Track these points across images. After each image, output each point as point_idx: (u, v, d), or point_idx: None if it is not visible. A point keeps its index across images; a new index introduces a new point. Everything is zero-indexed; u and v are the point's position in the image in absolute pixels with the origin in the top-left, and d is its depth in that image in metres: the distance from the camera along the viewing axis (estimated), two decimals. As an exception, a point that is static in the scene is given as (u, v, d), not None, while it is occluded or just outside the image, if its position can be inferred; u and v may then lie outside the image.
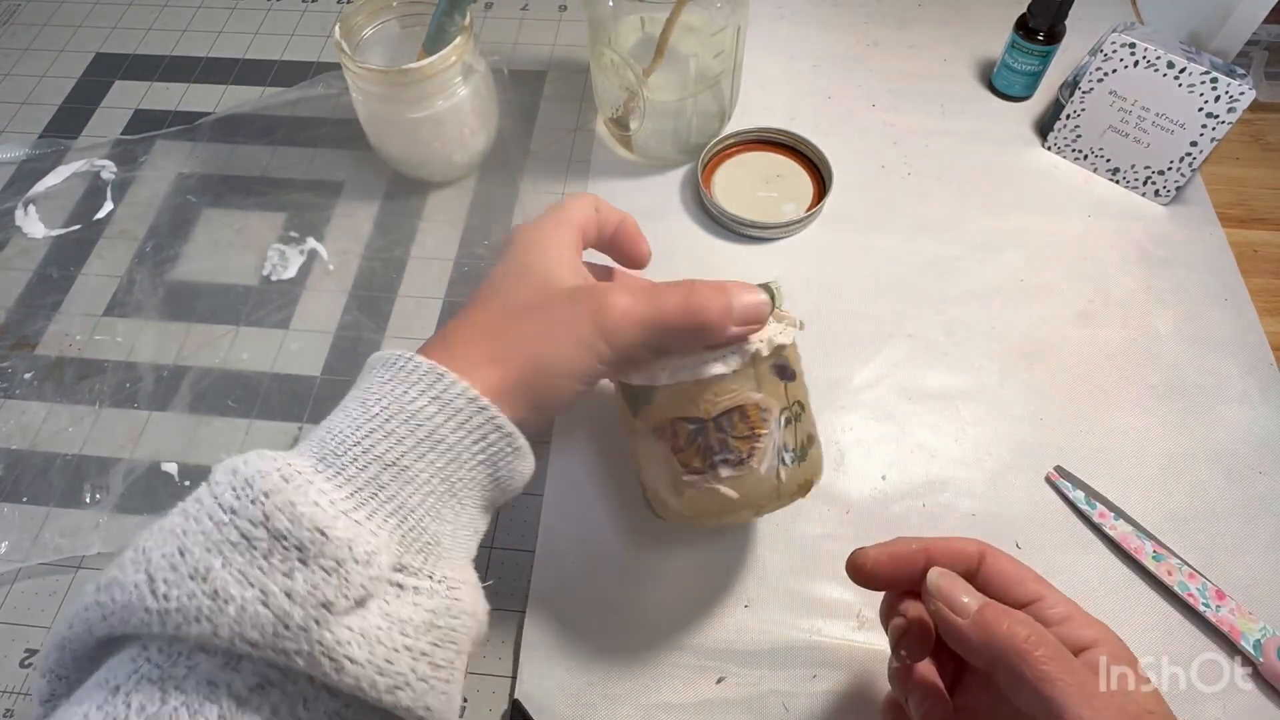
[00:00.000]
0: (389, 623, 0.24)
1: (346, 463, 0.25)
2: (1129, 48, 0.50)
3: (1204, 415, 0.45)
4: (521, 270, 0.31)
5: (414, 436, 0.26)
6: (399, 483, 0.26)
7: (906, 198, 0.55)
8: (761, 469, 0.32)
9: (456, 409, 0.27)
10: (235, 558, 0.23)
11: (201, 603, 0.22)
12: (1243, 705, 0.37)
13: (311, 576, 0.23)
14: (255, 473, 0.24)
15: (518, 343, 0.29)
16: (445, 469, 0.27)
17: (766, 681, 0.38)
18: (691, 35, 0.49)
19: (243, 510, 0.23)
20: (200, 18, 0.69)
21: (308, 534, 0.23)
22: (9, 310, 0.52)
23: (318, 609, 0.22)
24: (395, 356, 0.28)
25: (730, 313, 0.30)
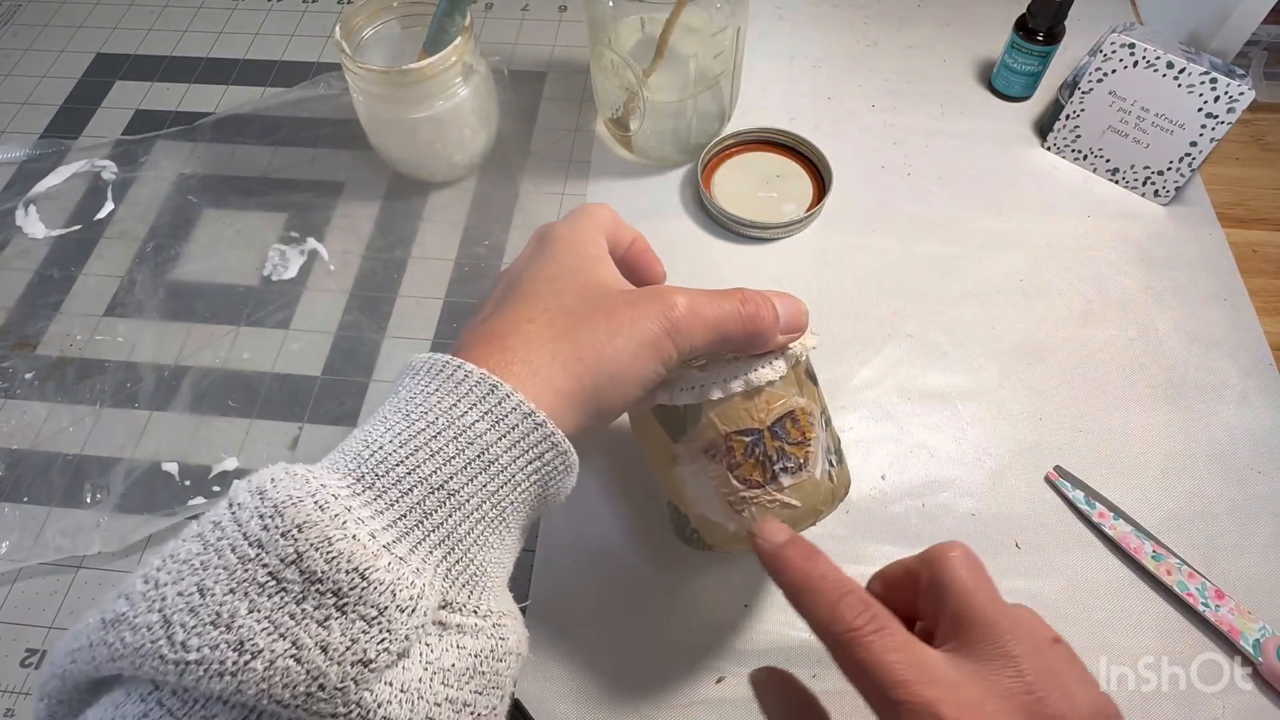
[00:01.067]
0: (430, 673, 0.21)
1: (388, 485, 0.23)
2: (1129, 48, 0.50)
3: (1204, 415, 0.45)
4: (569, 271, 0.29)
5: (464, 456, 0.23)
6: (447, 509, 0.23)
7: (906, 198, 0.55)
8: (817, 473, 0.32)
9: (511, 425, 0.24)
10: (263, 602, 0.20)
11: (225, 655, 0.19)
12: (1243, 705, 0.37)
13: (350, 628, 0.20)
14: (286, 498, 0.21)
15: (587, 345, 0.27)
16: (497, 492, 0.24)
17: (766, 681, 0.38)
18: (691, 35, 0.50)
19: (271, 545, 0.20)
20: (201, 18, 0.69)
21: (346, 577, 0.20)
22: (10, 310, 0.52)
23: (356, 667, 0.20)
24: (443, 362, 0.25)
25: (779, 319, 0.30)
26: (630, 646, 0.39)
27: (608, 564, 0.41)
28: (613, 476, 0.44)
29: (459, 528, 0.23)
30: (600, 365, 0.27)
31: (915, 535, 0.42)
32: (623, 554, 0.42)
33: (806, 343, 0.33)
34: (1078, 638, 0.39)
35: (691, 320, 0.28)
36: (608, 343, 0.27)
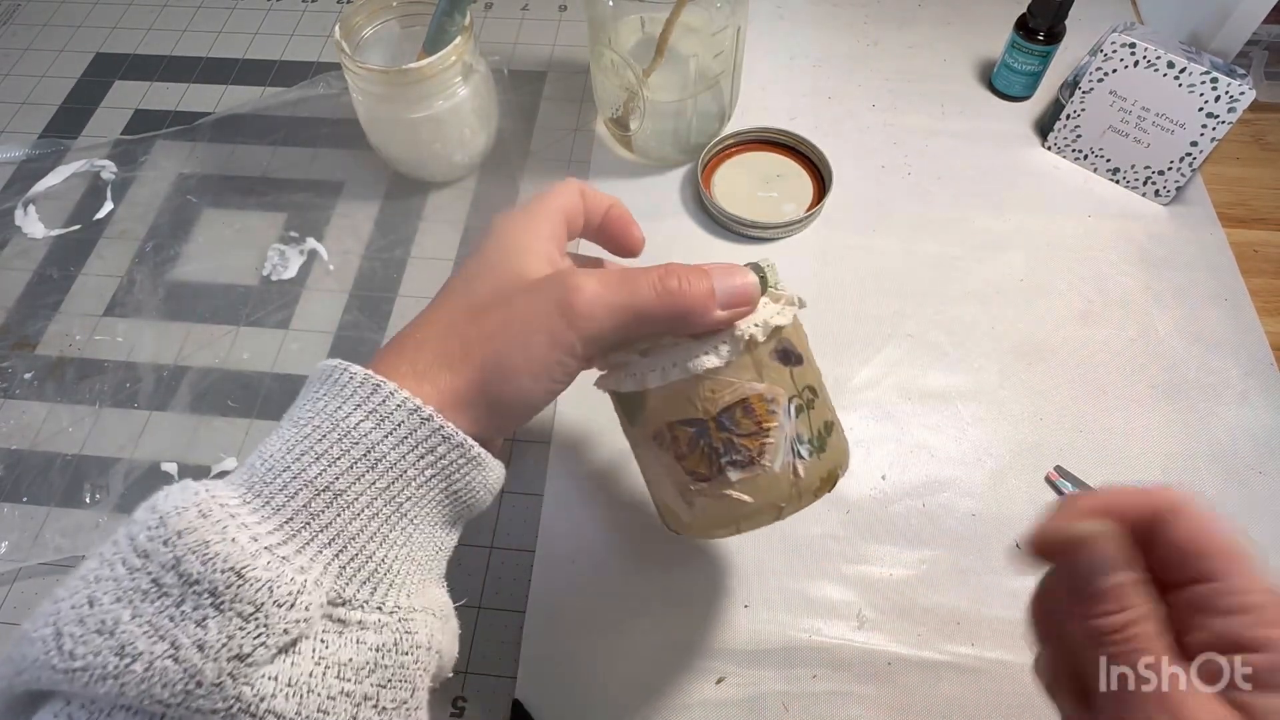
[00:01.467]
0: (323, 667, 0.22)
1: (275, 491, 0.23)
2: (1129, 48, 0.50)
3: (1204, 415, 0.45)
4: (490, 263, 0.28)
5: (349, 457, 0.24)
6: (334, 509, 0.23)
7: (906, 198, 0.55)
8: (775, 466, 0.29)
9: (396, 423, 0.24)
10: (145, 607, 0.20)
11: (108, 660, 0.20)
12: (1243, 705, 0.37)
13: (226, 625, 0.20)
14: (172, 509, 0.22)
15: (476, 341, 0.26)
16: (388, 489, 0.24)
17: (766, 681, 0.38)
18: (691, 35, 0.49)
19: (154, 553, 0.21)
20: (200, 18, 0.69)
21: (221, 576, 0.21)
22: (9, 310, 0.52)
23: (232, 662, 0.20)
24: (331, 368, 0.25)
25: (714, 295, 0.27)
26: (630, 647, 0.39)
27: (607, 564, 0.41)
28: (612, 476, 0.44)
29: (349, 526, 0.23)
30: (488, 360, 0.26)
31: (915, 535, 0.42)
32: (622, 554, 0.42)
33: (772, 321, 0.29)
34: (1078, 638, 0.39)
35: (593, 305, 0.26)
36: (498, 335, 0.26)
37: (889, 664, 0.38)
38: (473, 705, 0.38)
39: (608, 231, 0.33)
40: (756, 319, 0.29)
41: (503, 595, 0.41)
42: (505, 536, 0.43)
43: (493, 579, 0.41)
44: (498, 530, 0.43)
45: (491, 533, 0.43)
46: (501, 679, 0.39)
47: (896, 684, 0.38)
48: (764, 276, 0.30)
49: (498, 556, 0.42)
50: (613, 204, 0.33)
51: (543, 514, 0.43)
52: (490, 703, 0.38)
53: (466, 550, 0.42)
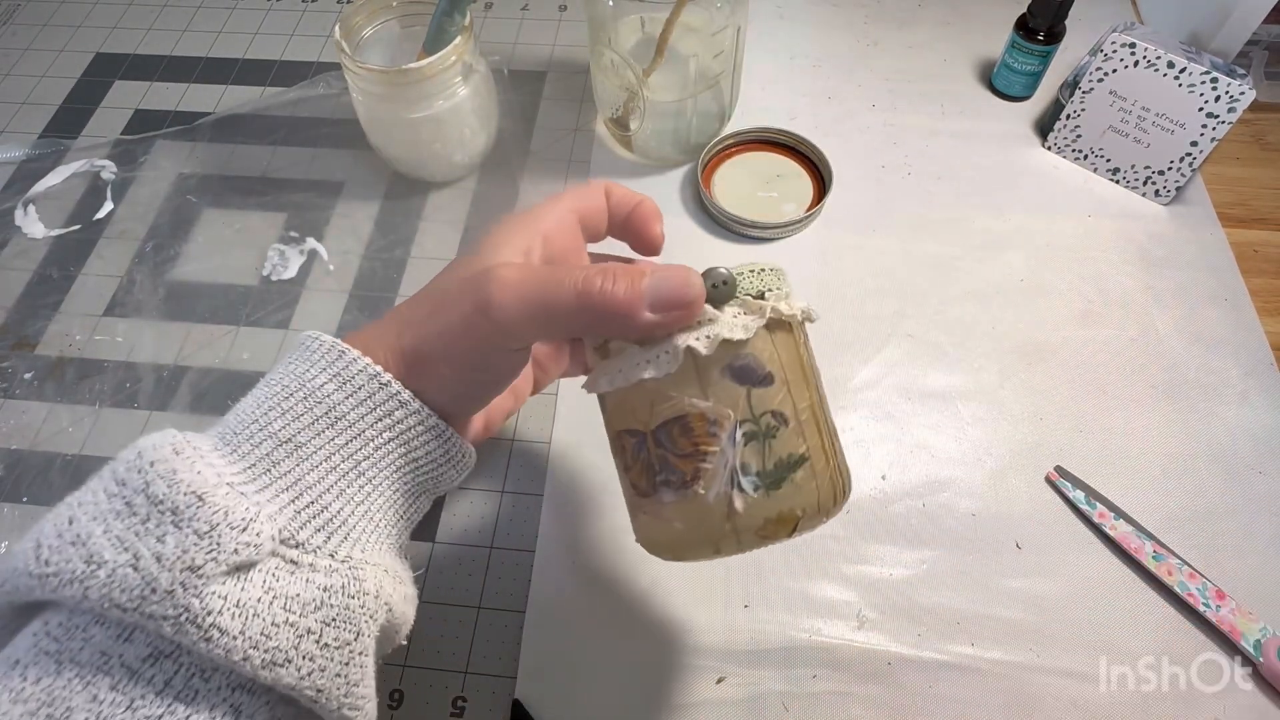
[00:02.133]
0: (271, 596, 0.23)
1: (242, 440, 0.25)
2: (1129, 48, 0.50)
3: (1204, 415, 0.45)
4: (464, 257, 0.29)
5: (311, 414, 0.26)
6: (293, 459, 0.25)
7: (906, 198, 0.55)
8: (709, 496, 0.26)
9: (357, 386, 0.26)
10: (115, 524, 0.23)
11: (76, 566, 0.22)
12: (1243, 705, 0.37)
13: (183, 541, 0.22)
14: (150, 445, 0.24)
15: (409, 323, 0.28)
16: (347, 446, 0.26)
17: (766, 681, 0.38)
18: (691, 35, 0.49)
19: (130, 480, 0.23)
20: (200, 18, 0.69)
21: (183, 499, 0.23)
22: (9, 310, 0.52)
23: (185, 572, 0.22)
24: (306, 336, 0.28)
25: (642, 297, 0.25)
26: (630, 647, 0.39)
27: (607, 564, 0.41)
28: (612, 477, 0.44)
29: (307, 475, 0.25)
30: (419, 343, 0.27)
31: (915, 535, 0.42)
32: (622, 554, 0.42)
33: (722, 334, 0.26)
34: (1078, 637, 0.39)
35: (504, 295, 0.26)
36: (427, 320, 0.27)
37: (889, 664, 0.38)
38: (473, 705, 0.38)
39: (630, 227, 0.33)
40: (708, 330, 0.26)
41: (503, 595, 0.41)
42: (505, 536, 0.43)
43: (493, 579, 0.41)
44: (498, 530, 0.43)
45: (491, 533, 0.43)
46: (501, 679, 0.39)
47: (896, 684, 0.38)
48: (727, 283, 0.27)
49: (498, 556, 0.42)
50: (641, 202, 0.32)
51: (543, 514, 0.43)
52: (490, 703, 0.38)
53: (466, 550, 0.42)
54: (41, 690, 0.21)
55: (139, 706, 0.22)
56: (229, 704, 0.23)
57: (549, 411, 0.47)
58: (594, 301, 0.25)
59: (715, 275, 0.27)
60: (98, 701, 0.21)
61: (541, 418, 0.46)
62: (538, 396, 0.47)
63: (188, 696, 0.22)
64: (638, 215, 0.32)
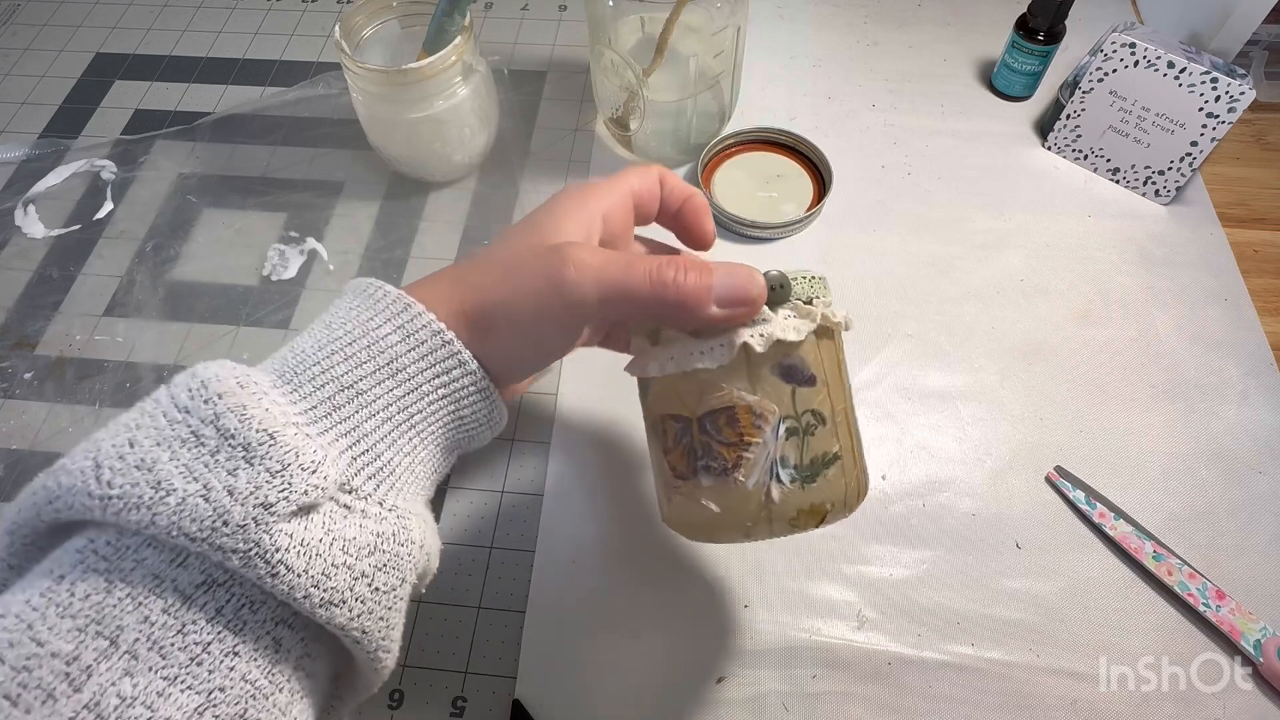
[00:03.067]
0: (331, 538, 0.24)
1: (304, 381, 0.25)
2: (1129, 48, 0.50)
3: (1204, 415, 0.45)
4: (525, 226, 0.30)
5: (374, 362, 0.26)
6: (354, 405, 0.26)
7: (906, 198, 0.55)
8: (749, 483, 0.28)
9: (420, 340, 0.27)
10: (183, 453, 0.23)
11: (144, 491, 0.22)
12: (1243, 705, 0.37)
13: (255, 476, 0.22)
14: (213, 376, 0.24)
15: (478, 287, 0.28)
16: (404, 398, 0.27)
17: (766, 681, 0.38)
18: (691, 35, 0.49)
19: (195, 409, 0.23)
20: (200, 18, 0.69)
21: (256, 435, 0.23)
22: (9, 310, 0.52)
23: (258, 509, 0.22)
24: (367, 284, 0.28)
25: (710, 291, 0.27)
26: (630, 647, 0.39)
27: (607, 564, 0.41)
28: (612, 477, 0.44)
29: (365, 423, 0.26)
30: (486, 307, 0.28)
31: (915, 535, 0.42)
32: (622, 554, 0.42)
33: (776, 334, 0.28)
34: (1078, 637, 0.39)
35: (580, 276, 0.27)
36: (495, 286, 0.28)
37: (889, 664, 0.38)
38: (473, 705, 0.38)
39: (682, 221, 0.34)
40: (763, 329, 0.28)
41: (503, 595, 0.41)
42: (505, 536, 0.43)
43: (493, 579, 0.41)
44: (498, 530, 0.43)
45: (491, 533, 0.43)
46: (501, 679, 0.39)
47: (896, 684, 0.38)
48: (783, 286, 0.28)
49: (498, 556, 0.42)
50: (693, 194, 0.34)
51: (543, 514, 0.43)
52: (490, 703, 0.38)
53: (466, 550, 0.42)
54: (91, 606, 0.21)
55: (190, 631, 0.22)
56: (271, 637, 0.23)
57: (549, 411, 0.47)
58: (666, 292, 0.27)
59: (772, 278, 0.28)
60: (149, 623, 0.21)
61: (541, 418, 0.46)
62: (538, 396, 0.47)
63: (236, 626, 0.23)
64: (690, 209, 0.34)
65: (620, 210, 0.31)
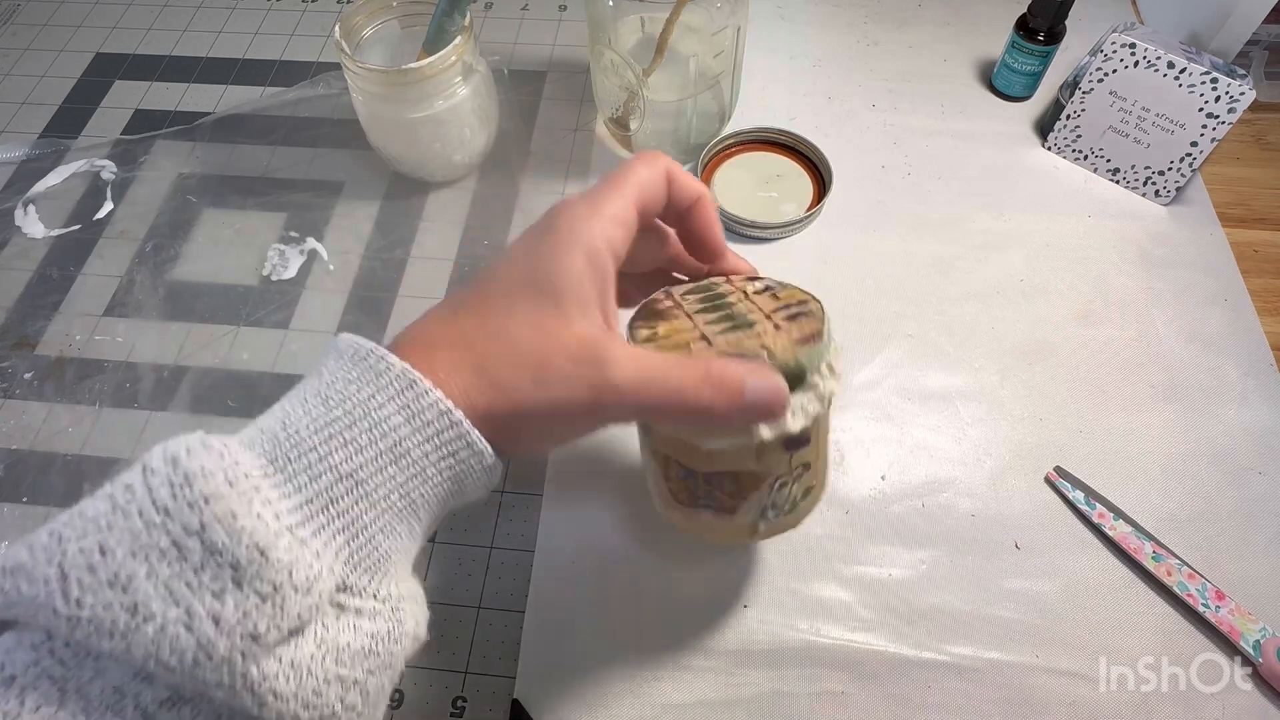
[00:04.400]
0: (323, 651, 0.22)
1: (299, 470, 0.23)
2: (1129, 48, 0.50)
3: (1204, 415, 0.45)
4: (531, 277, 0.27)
5: (375, 447, 0.24)
6: (353, 497, 0.23)
7: (906, 198, 0.55)
8: (744, 521, 0.32)
9: (426, 421, 0.25)
10: (162, 568, 0.20)
11: (118, 616, 0.20)
12: (1242, 705, 0.37)
13: (244, 602, 0.20)
14: (198, 469, 0.21)
15: (509, 385, 0.26)
16: (406, 484, 0.25)
17: (766, 681, 0.38)
18: (691, 35, 0.49)
19: (178, 513, 0.21)
20: (200, 18, 0.69)
21: (245, 552, 0.21)
22: (9, 310, 0.52)
23: (246, 640, 0.20)
24: (366, 350, 0.25)
25: (741, 410, 0.27)
26: (630, 647, 0.39)
27: (607, 564, 0.41)
28: (612, 477, 0.44)
29: (364, 515, 0.24)
30: (515, 409, 0.26)
31: (915, 536, 0.42)
32: (622, 554, 0.42)
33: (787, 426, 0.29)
34: (1078, 638, 0.39)
35: (623, 397, 0.26)
36: (531, 393, 0.26)
37: (889, 664, 0.38)
38: (473, 705, 0.38)
39: (691, 227, 0.32)
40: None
41: (503, 595, 0.41)
42: (505, 536, 0.43)
43: (493, 579, 0.41)
44: (498, 530, 0.43)
45: (491, 533, 0.43)
46: (501, 679, 0.39)
47: (896, 684, 0.38)
48: (801, 378, 0.29)
49: (498, 556, 0.42)
50: (702, 195, 0.31)
51: (543, 514, 0.43)
52: (490, 703, 0.38)
53: (466, 550, 0.42)
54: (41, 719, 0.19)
55: None
56: None
57: (549, 411, 0.47)
58: (699, 409, 0.26)
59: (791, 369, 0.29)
60: None
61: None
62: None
63: None
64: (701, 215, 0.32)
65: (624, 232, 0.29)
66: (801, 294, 0.33)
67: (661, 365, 0.27)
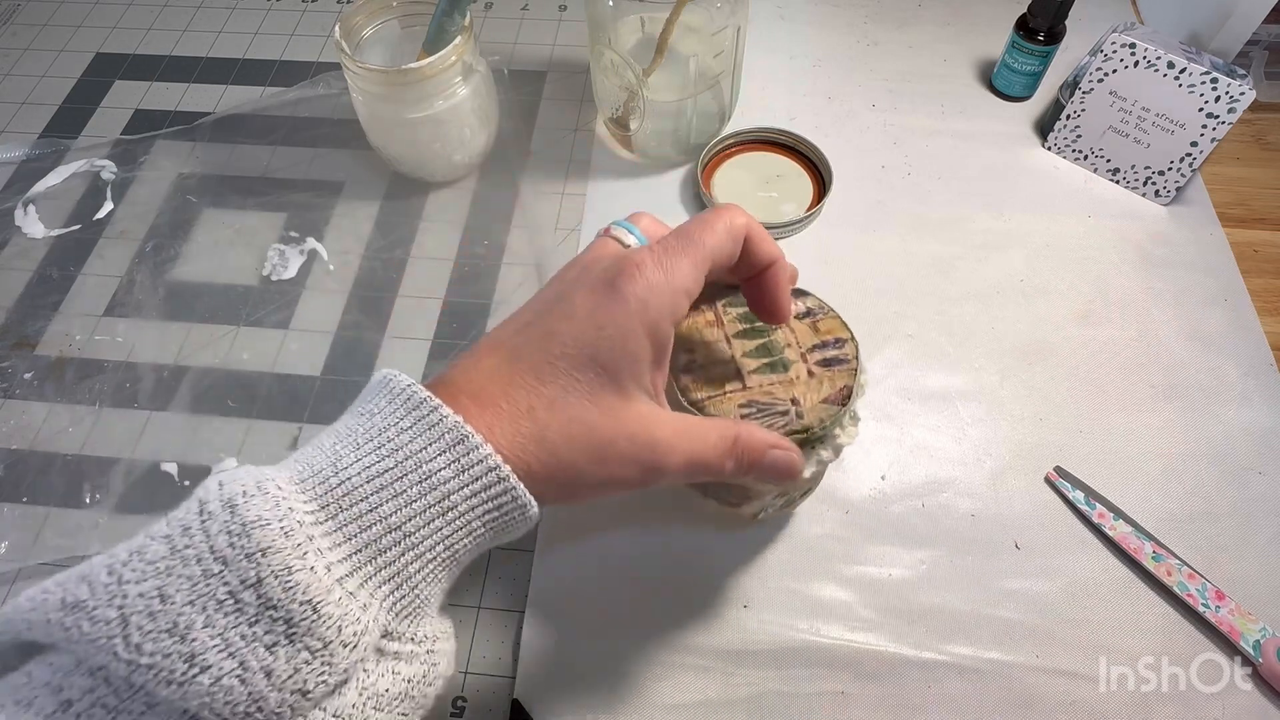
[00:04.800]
0: (364, 699, 0.23)
1: (350, 519, 0.24)
2: (1129, 48, 0.50)
3: (1204, 415, 0.45)
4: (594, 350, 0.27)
5: (424, 500, 0.24)
6: (401, 548, 0.24)
7: (906, 198, 0.55)
8: (747, 513, 0.37)
9: (475, 477, 0.25)
10: (219, 619, 0.21)
11: (176, 665, 0.20)
12: (1243, 705, 0.37)
13: (295, 657, 0.21)
14: (256, 519, 0.22)
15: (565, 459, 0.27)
16: (451, 537, 0.25)
17: (766, 681, 0.38)
18: (691, 35, 0.49)
19: (235, 564, 0.21)
20: (200, 18, 0.69)
21: (299, 608, 0.21)
22: (9, 310, 0.52)
23: (295, 695, 0.21)
24: (421, 399, 0.25)
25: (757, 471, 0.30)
26: (630, 646, 0.39)
27: (608, 564, 0.41)
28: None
29: (409, 565, 0.24)
30: (571, 480, 0.27)
31: (915, 535, 0.42)
32: (622, 554, 0.42)
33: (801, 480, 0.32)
34: (1078, 638, 0.39)
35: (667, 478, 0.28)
36: (587, 468, 0.27)
37: (888, 664, 0.38)
38: (473, 705, 0.38)
39: (760, 289, 0.32)
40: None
41: (503, 595, 0.41)
42: (505, 536, 0.43)
43: (493, 579, 0.41)
44: (498, 530, 0.43)
45: (491, 533, 0.43)
46: (501, 679, 0.39)
47: (896, 684, 0.38)
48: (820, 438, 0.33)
49: (498, 556, 0.42)
50: (777, 259, 0.31)
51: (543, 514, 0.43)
52: (490, 703, 0.38)
53: (466, 550, 0.42)
54: None
55: None
56: None
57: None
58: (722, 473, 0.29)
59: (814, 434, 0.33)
60: None
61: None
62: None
63: None
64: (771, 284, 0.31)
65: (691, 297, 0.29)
66: (840, 327, 0.35)
67: (702, 445, 0.29)
